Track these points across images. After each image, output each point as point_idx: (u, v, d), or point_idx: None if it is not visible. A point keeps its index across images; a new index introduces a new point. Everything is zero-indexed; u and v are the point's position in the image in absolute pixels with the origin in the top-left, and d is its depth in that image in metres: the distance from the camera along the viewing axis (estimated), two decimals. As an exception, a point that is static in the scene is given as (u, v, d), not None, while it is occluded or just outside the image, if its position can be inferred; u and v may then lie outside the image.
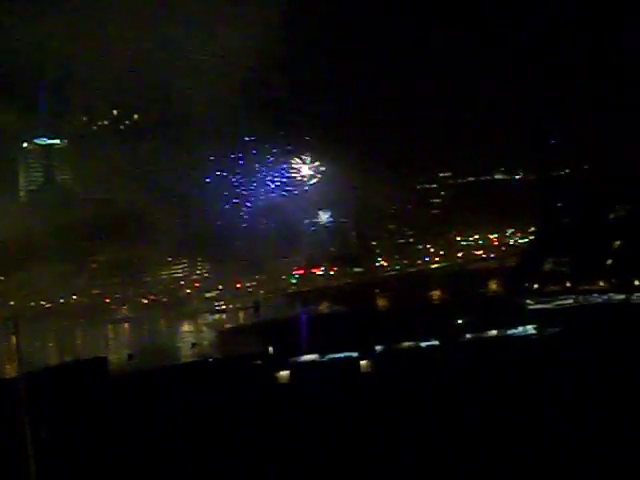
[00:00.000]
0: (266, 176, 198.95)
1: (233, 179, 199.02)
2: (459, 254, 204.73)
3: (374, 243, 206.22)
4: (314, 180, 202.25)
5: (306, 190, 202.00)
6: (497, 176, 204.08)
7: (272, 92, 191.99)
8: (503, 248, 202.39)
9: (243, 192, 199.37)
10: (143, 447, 66.13)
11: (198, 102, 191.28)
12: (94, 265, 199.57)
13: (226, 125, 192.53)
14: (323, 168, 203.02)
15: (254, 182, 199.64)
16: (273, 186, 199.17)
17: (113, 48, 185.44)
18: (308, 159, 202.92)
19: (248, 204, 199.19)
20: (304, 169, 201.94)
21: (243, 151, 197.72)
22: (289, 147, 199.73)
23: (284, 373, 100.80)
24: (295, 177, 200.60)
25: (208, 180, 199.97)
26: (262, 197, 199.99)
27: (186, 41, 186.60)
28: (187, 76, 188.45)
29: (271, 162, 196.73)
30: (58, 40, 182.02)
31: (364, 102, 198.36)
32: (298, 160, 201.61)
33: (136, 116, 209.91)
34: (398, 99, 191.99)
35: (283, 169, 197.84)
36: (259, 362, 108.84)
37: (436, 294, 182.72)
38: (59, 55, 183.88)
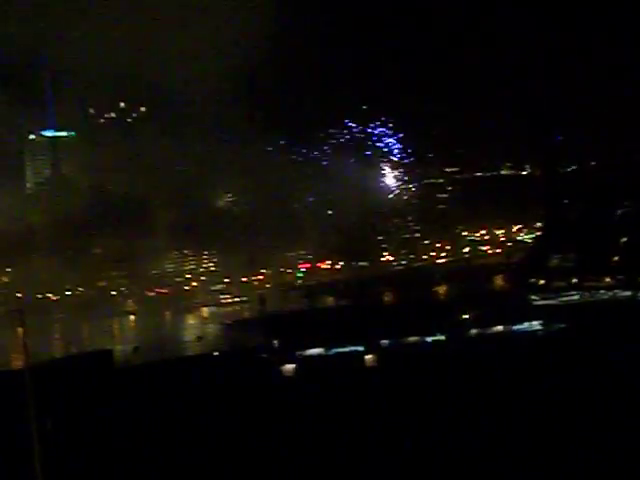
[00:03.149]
0: (272, 170, 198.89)
1: (239, 173, 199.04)
2: (465, 249, 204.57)
3: (380, 238, 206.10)
4: (320, 175, 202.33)
5: (313, 185, 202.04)
6: (504, 172, 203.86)
7: (273, 89, 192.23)
8: (509, 244, 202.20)
9: (249, 186, 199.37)
10: (148, 439, 66.34)
11: (203, 96, 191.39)
12: (100, 257, 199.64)
13: (229, 119, 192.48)
14: (329, 162, 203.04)
15: (261, 177, 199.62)
16: (279, 181, 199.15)
17: (120, 42, 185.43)
18: (315, 154, 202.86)
19: (254, 198, 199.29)
20: (311, 164, 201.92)
21: (247, 145, 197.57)
22: (293, 142, 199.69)
23: (289, 366, 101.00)
24: (301, 172, 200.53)
25: (215, 173, 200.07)
26: (268, 192, 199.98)
27: (192, 35, 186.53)
28: (192, 71, 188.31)
29: (275, 157, 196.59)
30: (65, 34, 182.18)
31: (370, 97, 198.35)
32: (305, 155, 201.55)
33: (143, 109, 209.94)
34: (405, 94, 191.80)
35: (288, 164, 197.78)
36: (265, 355, 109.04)
37: (442, 289, 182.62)
38: (66, 48, 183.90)
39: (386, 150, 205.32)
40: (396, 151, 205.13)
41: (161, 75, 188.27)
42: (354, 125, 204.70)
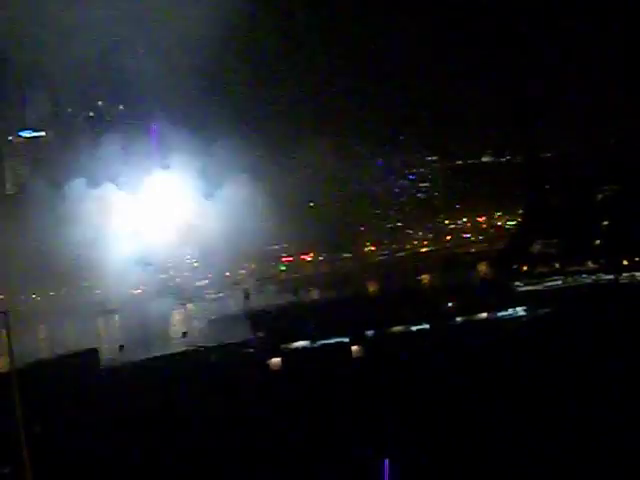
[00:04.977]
0: (252, 164, 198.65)
1: (219, 168, 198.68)
2: (448, 237, 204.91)
3: (362, 228, 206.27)
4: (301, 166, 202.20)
5: (293, 178, 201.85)
6: (485, 159, 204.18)
7: (249, 82, 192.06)
8: (492, 231, 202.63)
9: (230, 181, 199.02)
10: (137, 437, 66.32)
11: (180, 91, 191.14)
12: (83, 256, 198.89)
13: (207, 114, 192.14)
14: (309, 152, 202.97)
15: (240, 171, 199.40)
16: (260, 175, 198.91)
17: (95, 39, 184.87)
18: (293, 145, 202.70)
19: (235, 192, 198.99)
20: (289, 154, 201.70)
21: (227, 140, 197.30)
22: (273, 134, 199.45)
23: (276, 360, 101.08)
24: (281, 165, 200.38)
25: (194, 168, 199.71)
26: (247, 184, 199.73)
27: (168, 30, 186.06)
28: (170, 68, 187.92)
29: (256, 148, 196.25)
30: (40, 33, 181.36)
31: (349, 85, 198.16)
32: (284, 146, 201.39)
33: (121, 107, 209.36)
34: (383, 82, 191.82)
35: (268, 158, 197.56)
36: (251, 350, 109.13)
37: (425, 278, 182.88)
38: (41, 48, 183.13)
39: (366, 140, 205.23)
40: (376, 141, 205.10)
41: (138, 72, 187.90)
42: (334, 114, 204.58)
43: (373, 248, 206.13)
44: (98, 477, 57.79)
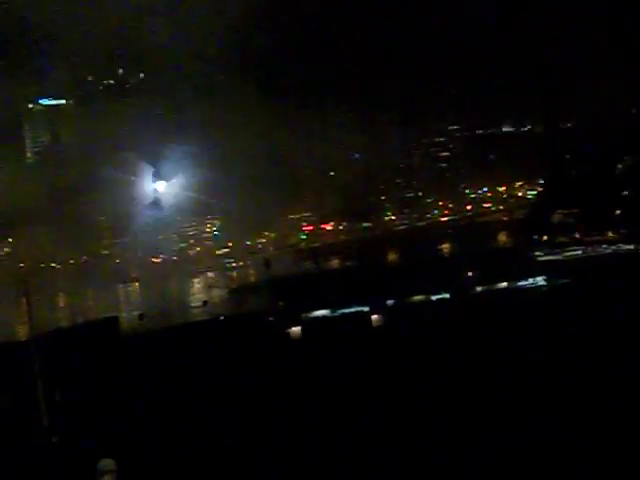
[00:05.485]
0: (274, 132, 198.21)
1: (240, 136, 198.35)
2: (468, 207, 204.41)
3: (383, 198, 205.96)
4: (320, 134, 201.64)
5: (314, 146, 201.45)
6: (505, 128, 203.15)
7: (272, 50, 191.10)
8: (512, 200, 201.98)
9: (251, 148, 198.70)
10: (156, 407, 66.59)
11: (201, 59, 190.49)
12: (103, 225, 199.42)
13: (228, 82, 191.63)
14: (330, 122, 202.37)
15: (262, 139, 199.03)
16: (281, 143, 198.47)
17: (115, 7, 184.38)
18: (312, 113, 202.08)
19: (256, 160, 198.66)
20: (308, 124, 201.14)
21: (247, 108, 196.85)
22: (294, 103, 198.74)
23: (296, 329, 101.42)
24: (302, 133, 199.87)
25: (214, 137, 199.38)
26: (270, 153, 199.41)
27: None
28: (191, 36, 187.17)
29: (277, 119, 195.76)
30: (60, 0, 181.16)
31: (369, 53, 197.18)
32: (301, 116, 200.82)
33: (142, 75, 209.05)
34: (404, 51, 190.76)
35: (289, 126, 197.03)
36: (271, 319, 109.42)
37: (446, 247, 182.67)
38: (62, 14, 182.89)
39: (387, 109, 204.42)
40: (397, 110, 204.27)
41: (159, 40, 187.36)
42: (355, 85, 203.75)
43: (394, 217, 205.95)
44: (115, 446, 58.04)
